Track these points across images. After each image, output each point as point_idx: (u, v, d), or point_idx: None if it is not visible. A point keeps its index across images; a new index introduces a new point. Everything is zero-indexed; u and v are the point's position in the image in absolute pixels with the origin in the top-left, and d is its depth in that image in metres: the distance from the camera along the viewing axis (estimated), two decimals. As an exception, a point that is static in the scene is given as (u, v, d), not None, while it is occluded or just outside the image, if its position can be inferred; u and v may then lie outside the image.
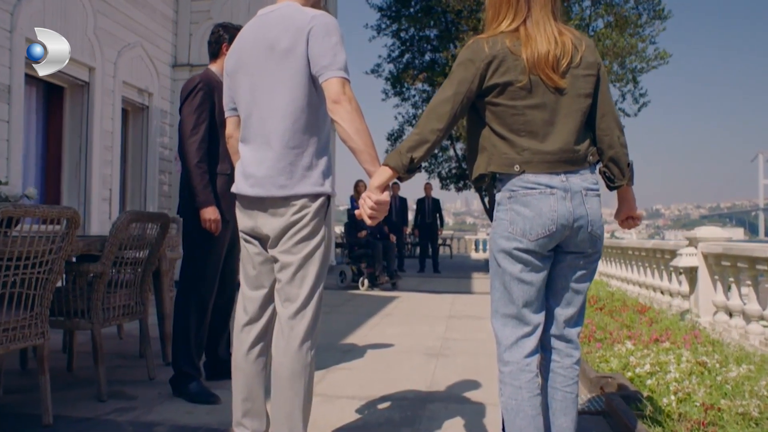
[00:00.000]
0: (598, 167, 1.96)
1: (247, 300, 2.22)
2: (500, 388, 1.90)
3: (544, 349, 1.98)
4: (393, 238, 10.11)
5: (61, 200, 6.89)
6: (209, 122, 3.20)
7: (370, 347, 4.64)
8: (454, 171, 18.55)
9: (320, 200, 2.09)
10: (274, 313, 2.17)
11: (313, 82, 2.06)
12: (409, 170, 1.86)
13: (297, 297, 2.06)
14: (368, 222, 1.92)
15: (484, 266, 15.84)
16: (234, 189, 2.20)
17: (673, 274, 6.00)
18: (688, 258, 5.15)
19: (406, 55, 17.14)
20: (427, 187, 13.23)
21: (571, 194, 1.83)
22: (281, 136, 2.06)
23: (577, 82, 1.85)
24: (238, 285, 2.39)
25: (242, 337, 2.20)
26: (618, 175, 1.93)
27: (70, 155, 7.02)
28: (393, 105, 19.34)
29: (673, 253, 5.89)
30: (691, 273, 5.24)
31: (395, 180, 1.95)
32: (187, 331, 3.19)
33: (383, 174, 1.88)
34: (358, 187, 11.40)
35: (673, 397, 2.84)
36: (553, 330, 1.96)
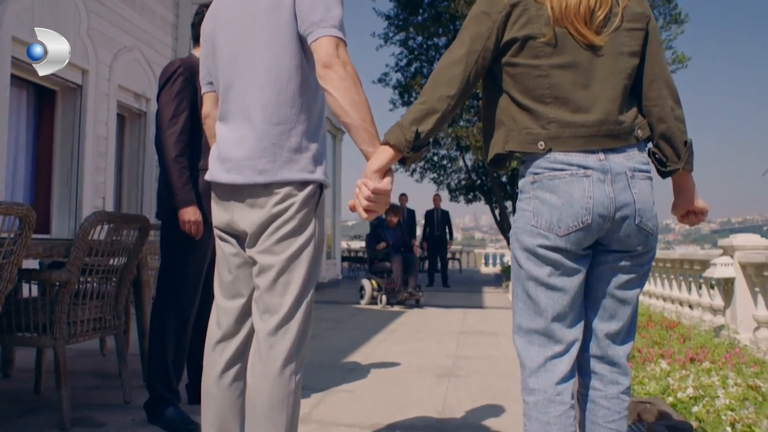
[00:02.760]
0: (647, 148, 1.56)
1: (221, 312, 1.82)
2: (524, 423, 1.50)
3: (582, 373, 1.57)
4: (417, 250, 9.28)
5: (51, 208, 6.56)
6: (190, 111, 2.84)
7: (374, 366, 4.24)
8: (463, 182, 18.17)
9: (309, 189, 1.69)
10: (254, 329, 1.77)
11: (303, 44, 1.68)
12: (414, 147, 1.47)
13: (278, 308, 1.66)
14: (363, 216, 1.54)
15: (494, 281, 15.43)
16: (208, 176, 1.81)
17: (704, 287, 5.55)
18: (724, 268, 4.71)
19: (414, 64, 16.87)
20: (436, 199, 12.85)
21: (612, 176, 1.43)
22: (263, 110, 1.68)
23: (619, 38, 1.47)
24: None
25: (214, 357, 1.80)
26: (671, 156, 1.53)
27: (61, 161, 6.68)
28: (401, 115, 19.06)
29: (704, 264, 5.45)
30: (727, 285, 4.80)
31: (403, 192, 1.58)
32: (164, 348, 2.80)
33: (382, 155, 1.50)
34: None
35: (729, 429, 2.41)
36: (594, 349, 1.55)
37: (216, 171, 1.76)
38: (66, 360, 2.72)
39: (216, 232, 1.83)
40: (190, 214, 2.74)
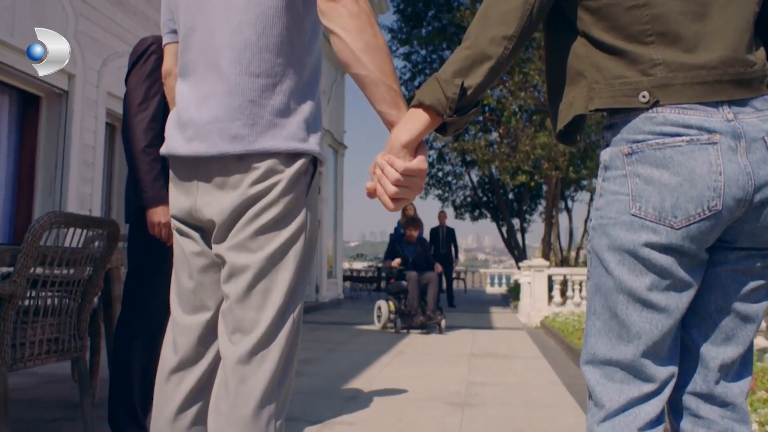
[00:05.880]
0: None
1: (178, 330, 1.37)
2: None
3: (674, 411, 1.13)
4: (438, 268, 8.18)
5: (33, 219, 6.13)
6: (164, 95, 2.42)
7: (378, 394, 3.77)
8: (469, 199, 17.79)
9: (299, 163, 1.25)
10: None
11: None
12: (459, 109, 1.07)
13: (254, 325, 1.21)
14: (390, 206, 1.14)
15: (501, 301, 14.97)
16: (164, 149, 1.37)
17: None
18: (767, 284, 4.25)
19: (418, 78, 16.69)
20: (442, 216, 12.40)
21: (747, 142, 1.01)
22: (238, 56, 1.24)
23: None
24: None
25: (168, 391, 1.34)
26: None
27: (44, 170, 6.29)
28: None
29: (738, 281, 4.99)
30: (770, 303, 4.34)
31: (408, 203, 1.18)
32: (128, 373, 2.37)
33: (414, 121, 1.10)
34: (407, 211, 9.87)
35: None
36: (699, 384, 1.10)
37: (174, 141, 1.32)
38: (8, 390, 2.26)
39: (174, 223, 1.39)
40: (160, 214, 2.32)
